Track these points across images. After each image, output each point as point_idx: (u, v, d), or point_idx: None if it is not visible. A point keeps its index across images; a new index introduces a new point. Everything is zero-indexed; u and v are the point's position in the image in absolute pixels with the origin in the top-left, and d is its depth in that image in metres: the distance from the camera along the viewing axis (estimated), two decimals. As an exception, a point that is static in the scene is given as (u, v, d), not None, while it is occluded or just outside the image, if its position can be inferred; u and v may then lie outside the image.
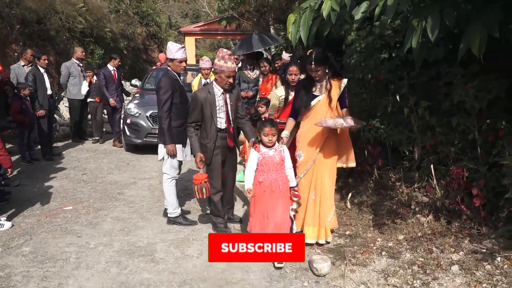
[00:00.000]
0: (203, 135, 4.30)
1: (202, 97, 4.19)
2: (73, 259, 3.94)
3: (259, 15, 12.63)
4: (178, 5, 29.39)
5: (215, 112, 4.22)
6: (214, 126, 4.24)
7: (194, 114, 4.27)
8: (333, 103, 4.04)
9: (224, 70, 4.13)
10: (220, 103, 4.25)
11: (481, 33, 3.02)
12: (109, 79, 8.91)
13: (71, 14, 12.94)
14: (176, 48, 4.53)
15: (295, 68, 4.74)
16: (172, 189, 4.72)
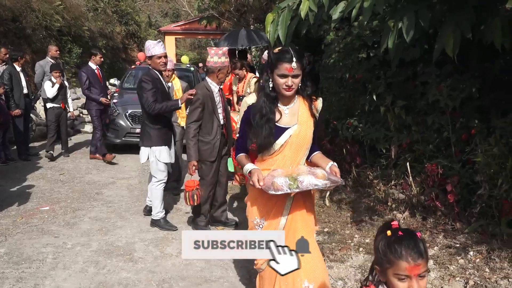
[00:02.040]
0: (204, 133, 4.18)
1: (202, 94, 4.11)
2: (50, 260, 3.88)
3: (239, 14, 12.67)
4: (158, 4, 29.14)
5: (215, 108, 4.16)
6: (216, 122, 4.19)
7: (195, 113, 4.12)
8: (307, 140, 2.47)
9: (219, 66, 4.13)
10: (218, 99, 4.22)
11: (455, 34, 3.10)
12: (93, 79, 7.58)
13: (48, 12, 12.72)
14: (153, 44, 4.36)
15: None
16: (159, 193, 4.56)
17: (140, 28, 22.07)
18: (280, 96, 2.41)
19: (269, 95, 2.39)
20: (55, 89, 7.46)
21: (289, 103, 2.45)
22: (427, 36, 4.38)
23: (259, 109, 2.39)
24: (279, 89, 2.36)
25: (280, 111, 2.43)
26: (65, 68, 12.13)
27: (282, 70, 2.29)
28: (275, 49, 2.31)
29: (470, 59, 4.28)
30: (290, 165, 2.42)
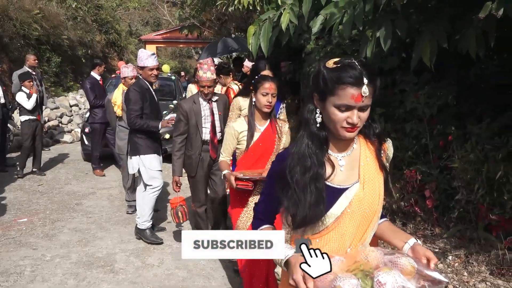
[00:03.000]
0: (188, 146, 4.01)
1: (186, 108, 3.96)
2: (28, 272, 3.80)
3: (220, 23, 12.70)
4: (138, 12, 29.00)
5: (200, 123, 3.98)
6: (199, 137, 3.99)
7: (179, 126, 3.99)
8: (375, 208, 1.59)
9: (199, 80, 3.93)
10: (206, 113, 4.01)
11: (431, 44, 3.18)
12: (98, 90, 7.32)
13: (26, 21, 12.53)
14: (146, 56, 4.29)
15: (273, 85, 2.94)
16: (152, 201, 4.42)
17: (120, 37, 21.91)
18: (333, 138, 1.51)
19: (317, 136, 1.49)
20: (33, 100, 7.00)
21: (346, 149, 1.54)
22: (405, 45, 4.47)
23: (300, 158, 1.48)
24: (335, 128, 1.44)
25: (331, 161, 1.50)
26: (44, 78, 11.97)
27: (344, 98, 1.38)
28: (329, 61, 1.44)
29: (447, 68, 4.39)
30: (350, 247, 1.53)
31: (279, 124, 3.08)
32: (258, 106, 2.96)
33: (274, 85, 2.94)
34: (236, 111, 3.87)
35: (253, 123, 3.00)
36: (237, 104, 3.89)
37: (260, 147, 3.02)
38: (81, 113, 11.60)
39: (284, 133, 3.06)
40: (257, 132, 3.01)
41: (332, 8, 3.38)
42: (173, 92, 9.79)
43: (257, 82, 2.96)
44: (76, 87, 14.20)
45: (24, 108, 6.94)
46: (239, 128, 3.04)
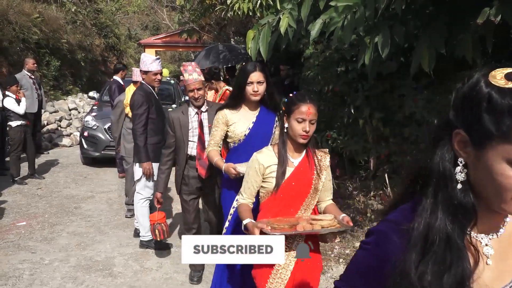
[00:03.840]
0: (176, 160, 3.67)
1: (173, 118, 3.56)
2: (27, 276, 3.80)
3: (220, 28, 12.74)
4: (137, 17, 29.07)
5: (186, 136, 3.53)
6: (184, 152, 3.56)
7: (167, 139, 3.72)
8: None
9: (185, 86, 3.51)
10: (194, 125, 3.53)
11: (429, 50, 3.20)
12: (120, 93, 6.82)
13: (25, 25, 12.56)
14: (150, 60, 4.25)
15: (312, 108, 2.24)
16: (145, 210, 4.33)
17: (119, 40, 21.96)
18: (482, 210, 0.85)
19: (461, 205, 0.83)
20: (23, 104, 6.88)
21: (496, 228, 0.91)
22: (403, 50, 4.50)
23: (430, 244, 0.83)
24: (499, 196, 0.80)
25: (474, 248, 0.87)
26: (43, 81, 11.98)
27: None
28: (495, 73, 0.80)
29: (445, 72, 4.41)
30: None
31: (318, 156, 2.34)
32: (292, 135, 2.25)
33: (313, 109, 2.22)
34: (222, 126, 2.96)
35: (285, 155, 2.28)
36: (223, 118, 2.95)
37: (293, 187, 2.27)
38: (80, 117, 11.60)
39: (324, 168, 2.34)
40: (289, 167, 2.28)
41: (332, 12, 3.41)
42: (172, 96, 9.80)
43: (290, 104, 2.26)
44: (75, 91, 14.21)
45: (15, 113, 6.80)
46: (266, 161, 2.29)
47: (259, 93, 2.85)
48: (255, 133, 2.91)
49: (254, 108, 2.96)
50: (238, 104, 2.94)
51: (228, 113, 2.94)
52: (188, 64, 3.49)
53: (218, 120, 2.95)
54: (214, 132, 2.97)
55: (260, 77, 2.83)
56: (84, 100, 13.06)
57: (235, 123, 2.91)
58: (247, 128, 2.91)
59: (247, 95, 2.86)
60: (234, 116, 2.92)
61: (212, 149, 2.98)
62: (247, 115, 2.94)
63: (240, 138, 2.92)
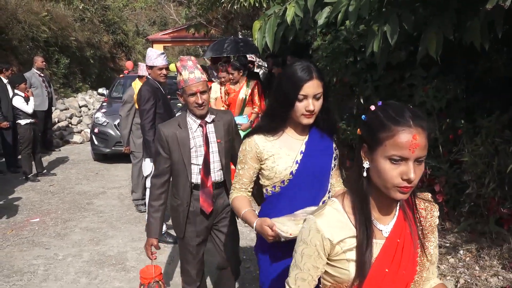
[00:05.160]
0: (173, 192, 2.68)
1: (167, 134, 2.54)
2: (41, 272, 3.85)
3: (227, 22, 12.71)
4: (145, 13, 29.11)
5: (188, 157, 2.56)
6: (187, 180, 2.59)
7: (157, 163, 2.62)
8: None
9: (184, 87, 2.53)
10: (198, 142, 2.58)
11: (437, 36, 3.15)
12: None
13: (34, 23, 12.64)
14: (155, 55, 4.23)
15: (420, 136, 1.20)
16: None
17: (127, 37, 22.03)
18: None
19: None
20: (32, 103, 6.95)
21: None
22: (412, 39, 4.44)
23: None
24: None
25: None
26: (53, 79, 12.07)
27: None
28: None
29: (455, 61, 4.35)
30: None
31: (421, 211, 1.40)
32: (380, 183, 1.26)
33: (422, 137, 1.21)
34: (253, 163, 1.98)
35: (368, 220, 1.31)
36: (254, 150, 1.96)
37: (387, 277, 1.32)
38: (90, 114, 11.69)
39: (431, 230, 1.40)
40: (377, 240, 1.33)
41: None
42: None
43: (377, 126, 1.25)
44: (85, 88, 14.30)
45: (23, 112, 6.86)
46: (334, 233, 1.33)
47: (315, 112, 1.85)
48: (306, 170, 1.91)
49: (301, 131, 1.95)
50: (278, 127, 1.93)
51: (261, 141, 1.93)
52: (187, 59, 2.58)
53: (246, 154, 1.97)
54: (239, 172, 2.02)
55: (318, 87, 1.82)
56: (94, 97, 13.15)
57: (274, 155, 1.91)
58: (294, 163, 1.90)
59: (295, 115, 1.85)
60: (271, 145, 1.93)
61: (238, 195, 2.04)
62: (292, 143, 1.94)
63: (283, 179, 1.91)
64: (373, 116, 1.27)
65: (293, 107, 1.84)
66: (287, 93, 1.83)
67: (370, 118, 1.28)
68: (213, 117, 2.62)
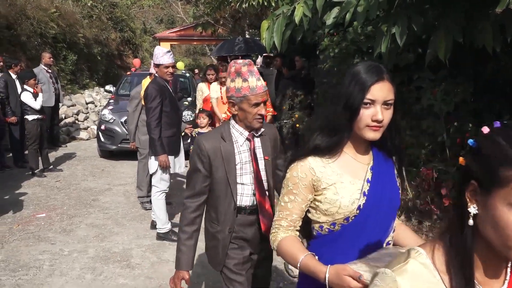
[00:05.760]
0: (211, 217, 2.25)
1: (208, 148, 2.14)
2: (47, 267, 3.88)
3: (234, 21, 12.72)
4: (152, 10, 29.21)
5: (233, 176, 2.17)
6: (231, 202, 2.18)
7: (194, 181, 2.18)
8: None
9: (247, 96, 2.09)
10: (244, 158, 2.19)
11: (446, 38, 3.14)
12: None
13: (42, 20, 12.70)
14: (162, 53, 4.24)
15: None
16: (162, 203, 4.42)
17: (135, 34, 22.08)
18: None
19: None
20: (40, 99, 6.95)
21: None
22: (421, 41, 4.43)
23: None
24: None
25: None
26: (60, 75, 12.13)
27: None
28: None
29: (464, 64, 4.33)
30: None
31: None
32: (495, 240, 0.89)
33: None
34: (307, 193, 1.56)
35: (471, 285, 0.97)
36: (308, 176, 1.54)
37: None
38: (96, 111, 11.75)
39: None
40: None
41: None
42: (188, 89, 9.85)
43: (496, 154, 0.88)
44: (92, 85, 14.36)
45: (31, 108, 6.87)
46: None
47: (383, 124, 1.46)
48: (375, 204, 1.50)
49: (364, 150, 1.56)
50: (338, 145, 1.51)
51: (318, 166, 1.51)
52: (248, 63, 2.15)
53: (298, 182, 1.53)
54: (287, 205, 1.57)
55: (389, 92, 1.47)
56: (101, 94, 13.21)
57: (335, 184, 1.49)
58: (361, 195, 1.49)
59: (358, 126, 1.45)
60: (331, 171, 1.51)
61: (285, 235, 1.58)
62: (355, 168, 1.54)
63: (347, 215, 1.49)
64: (490, 143, 0.89)
65: (357, 115, 1.43)
66: (350, 97, 1.44)
67: (486, 145, 0.89)
68: (262, 130, 2.23)
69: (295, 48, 8.18)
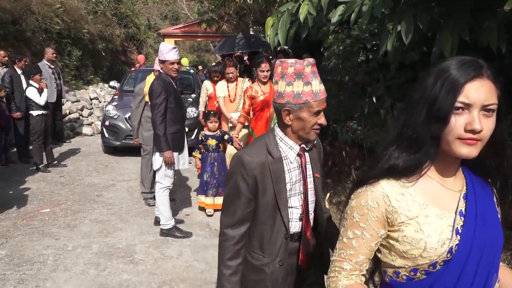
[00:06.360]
0: (252, 246, 1.84)
1: (256, 167, 1.75)
2: (51, 262, 3.90)
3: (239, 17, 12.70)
4: (157, 7, 29.19)
5: (284, 199, 1.80)
6: (280, 228, 1.82)
7: (235, 206, 1.80)
8: None
9: (309, 102, 1.71)
10: (294, 177, 1.83)
11: (453, 37, 3.13)
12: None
13: (47, 15, 12.73)
14: (167, 49, 4.22)
15: None
16: (166, 199, 4.42)
17: (139, 30, 22.09)
18: None
19: None
20: (45, 95, 6.95)
21: None
22: (426, 39, 4.41)
23: None
24: None
25: None
26: (65, 71, 12.16)
27: None
28: None
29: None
30: None
31: None
32: None
33: None
34: (379, 227, 1.23)
35: None
36: (381, 205, 1.21)
37: None
38: (101, 106, 11.77)
39: None
40: None
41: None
42: (192, 85, 9.85)
43: None
44: (96, 81, 14.39)
45: (36, 103, 6.87)
46: None
47: (482, 137, 1.11)
48: (472, 245, 1.15)
49: (453, 172, 1.23)
50: (419, 164, 1.19)
51: (394, 192, 1.20)
52: (312, 63, 1.74)
53: (366, 213, 1.22)
54: (351, 243, 1.26)
55: (491, 94, 1.14)
56: (105, 90, 13.24)
57: (417, 219, 1.17)
58: (452, 232, 1.16)
59: (447, 139, 1.13)
60: (411, 199, 1.19)
61: (350, 282, 1.27)
62: (443, 195, 1.21)
63: (434, 260, 1.15)
64: None
65: (446, 124, 1.10)
66: (436, 100, 1.11)
67: None
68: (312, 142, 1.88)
69: (300, 45, 8.18)
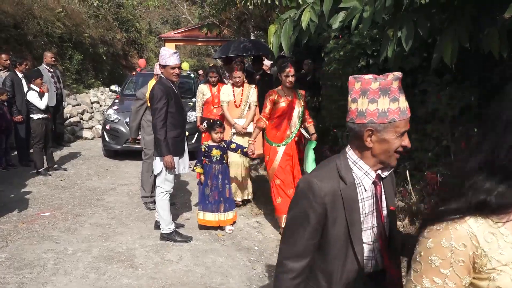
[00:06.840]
0: (318, 285, 1.57)
1: (327, 194, 1.49)
2: (51, 265, 3.90)
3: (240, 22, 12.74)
4: (158, 11, 29.28)
5: (358, 231, 1.53)
6: (354, 267, 1.53)
7: (297, 236, 1.53)
8: None
9: (395, 121, 1.43)
10: (367, 207, 1.56)
11: (453, 43, 3.15)
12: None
13: (49, 19, 12.77)
14: (168, 54, 4.23)
15: None
16: (166, 203, 4.41)
17: (140, 35, 22.16)
18: None
19: None
20: (46, 99, 6.98)
21: None
22: (426, 45, 4.43)
23: None
24: None
25: None
26: (66, 75, 12.19)
27: None
28: None
29: (469, 68, 4.33)
30: None
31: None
32: None
33: None
34: (464, 273, 1.02)
35: None
36: (469, 250, 1.01)
37: None
38: (101, 110, 11.79)
39: None
40: None
41: (353, 1, 3.36)
42: (192, 89, 9.87)
43: None
44: (97, 84, 14.42)
45: (36, 107, 6.87)
46: None
47: None
48: None
49: None
50: None
51: (483, 233, 1.00)
52: (399, 76, 1.47)
53: (449, 256, 1.01)
54: None
55: None
56: (106, 94, 13.25)
57: (509, 265, 0.99)
58: None
59: None
60: (503, 242, 0.99)
61: None
62: None
63: None
64: None
65: None
66: None
67: None
68: (391, 169, 1.60)
69: (300, 50, 8.20)
